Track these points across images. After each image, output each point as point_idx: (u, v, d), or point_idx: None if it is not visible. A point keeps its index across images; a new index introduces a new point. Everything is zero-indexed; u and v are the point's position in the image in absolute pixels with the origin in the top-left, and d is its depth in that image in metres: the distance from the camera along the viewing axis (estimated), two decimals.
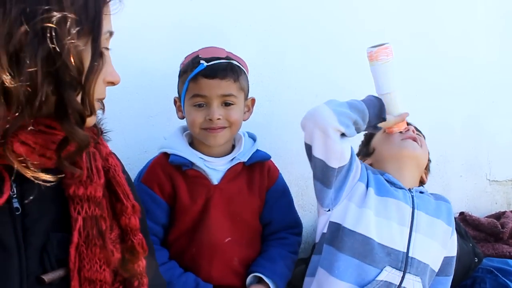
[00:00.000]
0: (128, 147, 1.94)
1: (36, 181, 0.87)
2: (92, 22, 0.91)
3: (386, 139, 1.90)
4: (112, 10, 0.98)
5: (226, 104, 1.70)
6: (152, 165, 1.73)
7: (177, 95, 1.80)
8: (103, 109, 1.04)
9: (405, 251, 1.68)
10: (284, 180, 1.92)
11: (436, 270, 1.78)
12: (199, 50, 1.74)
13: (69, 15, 0.86)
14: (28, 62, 0.83)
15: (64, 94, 0.88)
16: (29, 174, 0.87)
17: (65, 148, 0.92)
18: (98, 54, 0.92)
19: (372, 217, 1.68)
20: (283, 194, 1.89)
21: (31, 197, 0.92)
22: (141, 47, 1.94)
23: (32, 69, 0.84)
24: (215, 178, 1.74)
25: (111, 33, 0.99)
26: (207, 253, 1.71)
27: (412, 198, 1.77)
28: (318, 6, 2.32)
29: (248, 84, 1.79)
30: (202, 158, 1.73)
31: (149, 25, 1.96)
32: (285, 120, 2.28)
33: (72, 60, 0.87)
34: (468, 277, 2.28)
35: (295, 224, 1.90)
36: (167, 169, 1.71)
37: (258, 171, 1.82)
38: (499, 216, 2.62)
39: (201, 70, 1.66)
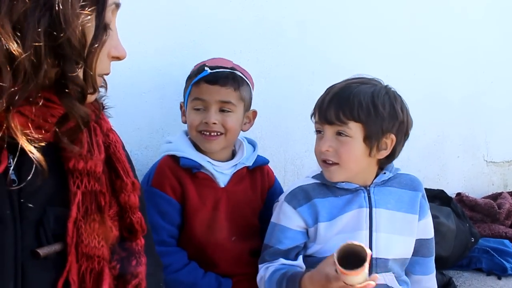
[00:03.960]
0: (120, 124, 1.85)
1: (32, 157, 0.84)
2: None
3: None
4: None
5: (224, 111, 1.77)
6: (160, 168, 1.78)
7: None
8: (105, 86, 1.02)
9: None
10: (278, 181, 1.98)
11: (409, 256, 1.71)
12: (207, 60, 1.84)
13: None
14: (31, 32, 0.81)
15: (65, 67, 0.87)
16: (27, 147, 0.84)
17: (65, 124, 0.91)
18: (102, 28, 0.90)
19: (330, 244, 1.62)
20: (280, 195, 1.90)
21: (28, 170, 0.88)
22: (132, 21, 1.88)
23: (36, 39, 0.82)
24: (222, 181, 1.81)
25: (117, 5, 0.96)
26: (217, 252, 1.78)
27: (369, 197, 1.66)
28: None
29: (250, 97, 1.84)
30: (210, 162, 1.80)
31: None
32: (281, 98, 2.25)
33: (75, 33, 0.84)
34: (465, 256, 2.32)
35: None
36: (175, 171, 1.77)
37: (259, 174, 1.91)
38: (495, 197, 2.65)
39: (204, 76, 1.76)
